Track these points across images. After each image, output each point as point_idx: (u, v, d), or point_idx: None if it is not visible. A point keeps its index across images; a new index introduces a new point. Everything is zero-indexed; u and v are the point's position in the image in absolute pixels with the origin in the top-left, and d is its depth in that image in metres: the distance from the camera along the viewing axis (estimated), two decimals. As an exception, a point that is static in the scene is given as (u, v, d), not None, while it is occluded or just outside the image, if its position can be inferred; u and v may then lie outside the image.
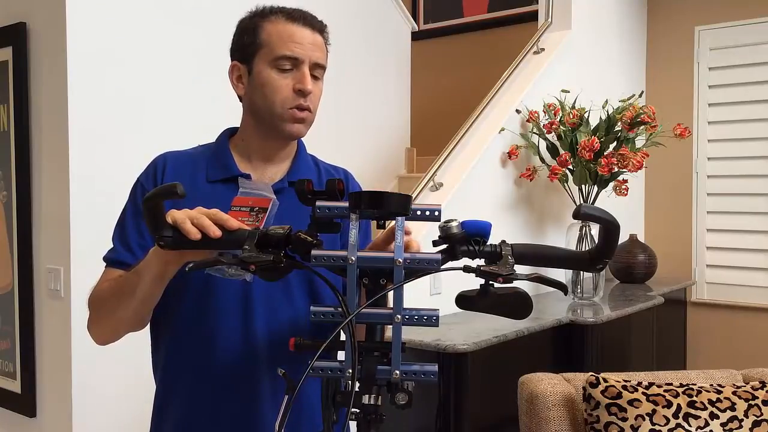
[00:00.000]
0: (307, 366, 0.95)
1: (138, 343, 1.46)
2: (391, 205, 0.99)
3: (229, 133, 1.45)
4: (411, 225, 1.06)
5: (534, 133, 3.40)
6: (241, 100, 1.42)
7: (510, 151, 3.30)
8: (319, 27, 1.38)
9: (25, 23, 2.53)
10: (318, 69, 1.37)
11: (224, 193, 1.31)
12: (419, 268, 1.00)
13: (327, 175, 1.50)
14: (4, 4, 2.63)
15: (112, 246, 1.37)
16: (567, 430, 2.02)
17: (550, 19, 3.74)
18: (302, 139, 1.47)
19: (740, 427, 1.92)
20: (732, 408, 1.93)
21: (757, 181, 4.02)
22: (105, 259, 1.37)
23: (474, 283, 1.04)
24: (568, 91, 3.44)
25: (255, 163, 1.40)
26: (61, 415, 2.46)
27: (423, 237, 2.48)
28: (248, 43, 1.36)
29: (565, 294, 1.05)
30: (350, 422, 0.98)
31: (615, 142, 3.28)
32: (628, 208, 3.94)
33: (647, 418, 1.90)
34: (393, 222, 1.05)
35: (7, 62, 2.58)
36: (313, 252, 1.00)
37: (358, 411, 1.00)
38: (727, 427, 1.91)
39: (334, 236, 1.15)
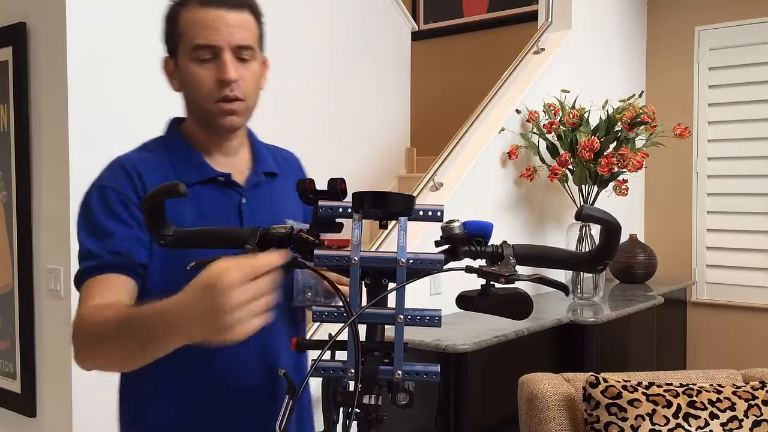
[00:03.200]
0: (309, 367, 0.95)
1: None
2: (395, 206, 0.99)
3: (177, 123, 1.36)
4: (413, 224, 1.06)
5: (534, 133, 3.40)
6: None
7: (510, 151, 3.30)
8: (238, 3, 1.25)
9: (25, 23, 2.53)
10: (244, 51, 1.26)
11: (207, 196, 1.26)
12: (422, 268, 1.00)
13: (282, 160, 1.45)
14: (4, 4, 2.63)
15: (91, 257, 1.18)
16: (567, 430, 2.02)
17: (550, 19, 3.74)
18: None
19: (740, 427, 1.92)
20: (732, 408, 1.94)
21: (757, 181, 4.02)
22: (99, 267, 1.18)
23: (474, 283, 1.04)
24: (568, 91, 3.44)
25: (216, 157, 1.32)
26: (61, 415, 2.46)
27: (423, 236, 2.49)
28: (170, 34, 1.27)
29: (567, 295, 1.06)
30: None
31: (615, 142, 3.28)
32: (628, 208, 3.94)
33: (647, 418, 1.90)
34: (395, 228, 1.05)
35: (7, 62, 2.58)
36: (316, 252, 1.00)
37: (358, 411, 1.00)
38: (727, 427, 1.91)
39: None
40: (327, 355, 0.96)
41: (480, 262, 1.03)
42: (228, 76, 1.22)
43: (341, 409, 1.01)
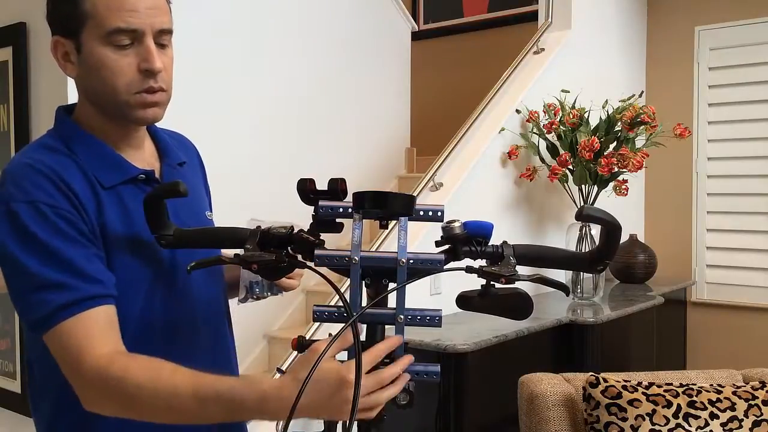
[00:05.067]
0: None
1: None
2: (395, 206, 0.98)
3: (67, 113, 1.21)
4: (413, 224, 1.06)
5: (534, 133, 3.40)
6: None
7: (510, 151, 3.30)
8: None
9: (25, 23, 2.53)
10: (164, 36, 1.14)
11: (130, 197, 1.15)
12: (422, 268, 1.00)
13: (181, 146, 1.35)
14: (4, 4, 2.63)
15: (60, 288, 1.02)
16: (567, 430, 2.02)
17: (550, 19, 3.74)
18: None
19: (740, 427, 1.92)
20: (732, 408, 1.94)
21: (757, 181, 4.02)
22: (80, 300, 1.03)
23: (474, 283, 1.04)
24: (568, 91, 3.44)
25: (127, 151, 1.20)
26: (62, 415, 2.45)
27: (423, 237, 2.48)
28: (69, 14, 1.11)
29: (567, 295, 1.06)
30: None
31: (615, 142, 3.28)
32: (628, 208, 3.94)
33: (647, 418, 1.90)
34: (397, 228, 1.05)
35: (7, 62, 2.58)
36: (317, 252, 1.00)
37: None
38: (727, 427, 1.91)
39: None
40: None
41: (480, 262, 1.03)
42: (155, 66, 1.11)
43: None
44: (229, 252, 1.10)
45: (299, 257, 1.05)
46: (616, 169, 3.22)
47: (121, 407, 1.02)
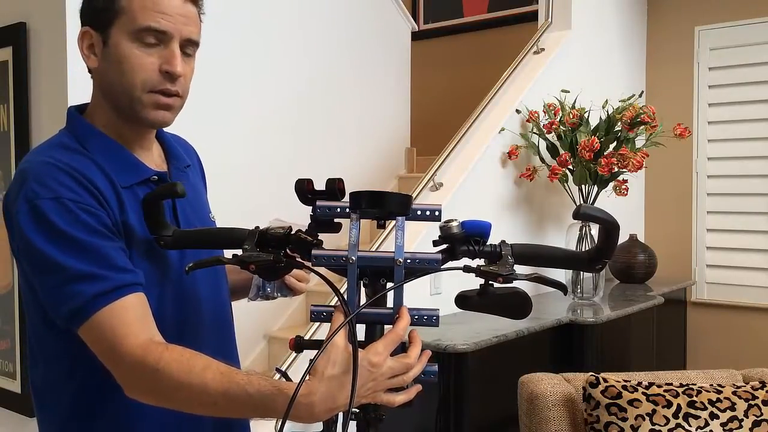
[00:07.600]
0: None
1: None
2: (392, 205, 0.99)
3: (79, 112, 1.23)
4: (414, 224, 1.06)
5: (534, 133, 3.40)
6: (90, 73, 1.21)
7: (510, 151, 3.30)
8: None
9: (25, 23, 2.53)
10: (190, 46, 1.17)
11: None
12: (420, 267, 1.00)
13: (183, 149, 1.36)
14: (4, 4, 2.63)
15: (94, 279, 1.04)
16: (567, 430, 2.02)
17: (550, 19, 3.73)
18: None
19: (740, 427, 1.92)
20: (732, 408, 1.93)
21: (757, 181, 4.02)
22: (116, 288, 1.05)
23: (474, 283, 1.04)
24: (568, 91, 3.44)
25: (138, 152, 1.21)
26: (61, 415, 2.45)
27: (424, 236, 2.48)
28: (103, 7, 1.14)
29: (565, 294, 1.06)
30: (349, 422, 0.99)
31: (615, 142, 3.28)
32: (628, 208, 3.94)
33: (647, 418, 1.90)
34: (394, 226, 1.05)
35: (7, 62, 2.58)
36: (314, 252, 1.00)
37: (357, 410, 1.00)
38: (727, 427, 1.91)
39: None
40: None
41: (478, 262, 1.03)
42: (177, 69, 1.14)
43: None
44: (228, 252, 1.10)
45: (297, 257, 1.05)
46: (616, 169, 3.22)
47: (157, 398, 1.04)
